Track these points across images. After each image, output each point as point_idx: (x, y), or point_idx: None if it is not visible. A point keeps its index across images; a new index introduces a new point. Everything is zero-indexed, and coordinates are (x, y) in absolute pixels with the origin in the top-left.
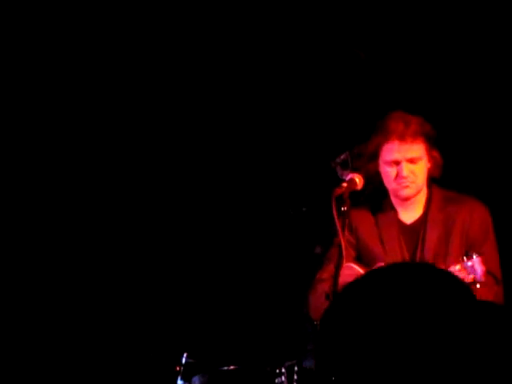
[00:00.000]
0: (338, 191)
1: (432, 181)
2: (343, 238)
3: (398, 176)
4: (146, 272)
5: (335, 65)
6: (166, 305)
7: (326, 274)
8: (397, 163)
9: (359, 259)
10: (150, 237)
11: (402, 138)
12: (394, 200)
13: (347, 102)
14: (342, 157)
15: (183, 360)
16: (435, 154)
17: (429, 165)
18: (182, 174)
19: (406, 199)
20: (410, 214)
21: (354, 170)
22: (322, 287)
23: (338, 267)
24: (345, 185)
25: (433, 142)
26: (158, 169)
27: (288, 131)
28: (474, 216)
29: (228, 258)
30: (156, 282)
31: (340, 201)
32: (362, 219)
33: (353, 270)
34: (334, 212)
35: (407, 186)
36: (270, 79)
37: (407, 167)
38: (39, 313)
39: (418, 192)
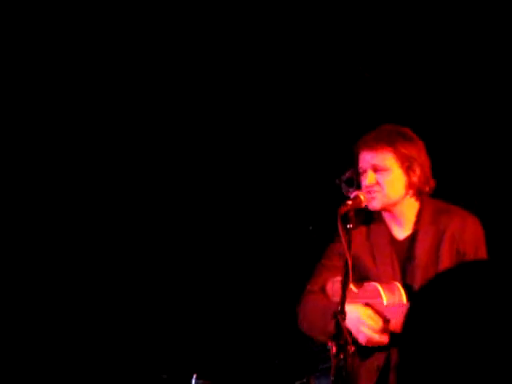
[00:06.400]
0: (344, 209)
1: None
2: (349, 256)
3: (365, 186)
4: (156, 291)
5: (342, 82)
6: (174, 326)
7: (316, 285)
8: (365, 172)
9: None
10: (162, 254)
11: (367, 145)
12: (384, 214)
13: (353, 120)
14: (347, 174)
15: (193, 381)
16: (415, 167)
17: (406, 178)
18: (189, 181)
19: (391, 214)
20: (401, 229)
21: (359, 187)
22: (313, 299)
23: (345, 285)
24: (350, 202)
25: (407, 155)
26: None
27: (292, 150)
28: (465, 229)
29: (238, 278)
30: (165, 302)
31: (345, 218)
32: (355, 233)
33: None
34: (340, 230)
35: (374, 198)
36: (280, 97)
37: (371, 175)
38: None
39: (390, 206)
